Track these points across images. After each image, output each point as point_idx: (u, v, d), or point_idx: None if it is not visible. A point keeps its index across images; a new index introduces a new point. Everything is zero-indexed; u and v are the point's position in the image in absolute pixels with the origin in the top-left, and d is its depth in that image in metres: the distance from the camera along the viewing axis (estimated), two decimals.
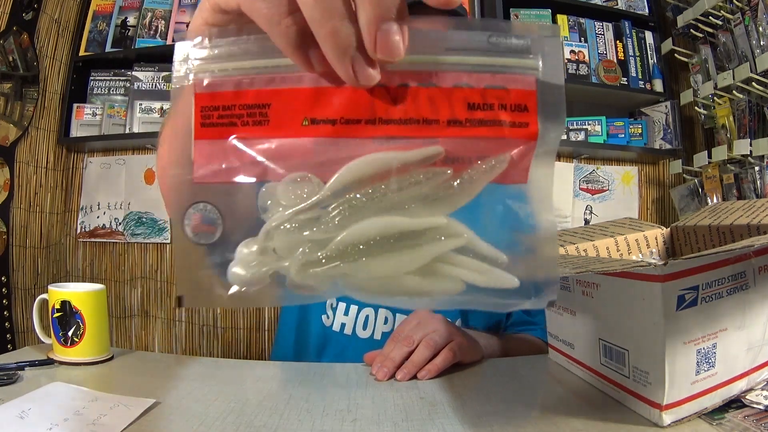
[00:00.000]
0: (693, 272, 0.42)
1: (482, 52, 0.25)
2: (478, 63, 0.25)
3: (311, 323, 0.85)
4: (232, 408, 0.51)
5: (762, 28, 1.35)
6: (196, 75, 0.26)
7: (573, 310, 0.56)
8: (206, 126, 0.26)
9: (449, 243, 0.25)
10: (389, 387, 0.58)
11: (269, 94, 0.25)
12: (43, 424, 0.45)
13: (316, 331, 0.84)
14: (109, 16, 1.85)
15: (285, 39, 0.23)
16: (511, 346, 0.78)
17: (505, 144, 0.25)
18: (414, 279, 0.25)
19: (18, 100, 1.58)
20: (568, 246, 0.63)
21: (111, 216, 1.81)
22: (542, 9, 1.83)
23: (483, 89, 0.25)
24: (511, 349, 0.77)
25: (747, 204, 0.61)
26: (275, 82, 0.25)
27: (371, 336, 0.81)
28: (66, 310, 0.66)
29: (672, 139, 1.77)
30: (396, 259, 0.25)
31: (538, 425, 0.46)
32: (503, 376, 0.62)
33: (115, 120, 1.78)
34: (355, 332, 0.82)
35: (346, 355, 0.80)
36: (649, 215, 1.85)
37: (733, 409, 0.45)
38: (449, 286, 0.26)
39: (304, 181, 0.25)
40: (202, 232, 0.26)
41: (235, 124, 0.25)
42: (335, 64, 0.23)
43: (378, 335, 0.81)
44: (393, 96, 0.25)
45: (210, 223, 0.26)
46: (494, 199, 0.26)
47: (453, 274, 0.26)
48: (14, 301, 1.55)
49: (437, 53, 0.25)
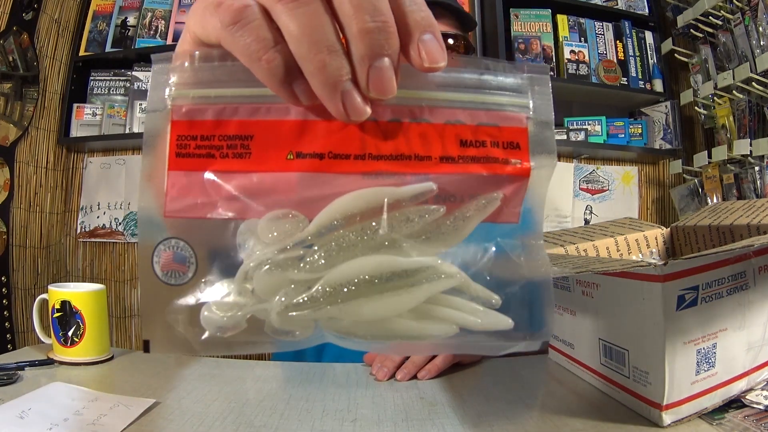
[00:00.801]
0: (693, 272, 0.42)
1: (474, 89, 0.25)
2: (470, 100, 0.25)
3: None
4: (232, 408, 0.51)
5: (762, 28, 1.35)
6: (174, 100, 0.24)
7: (573, 310, 0.56)
8: (182, 156, 0.24)
9: (442, 284, 0.24)
10: (389, 387, 0.58)
11: (253, 125, 0.24)
12: (43, 424, 0.45)
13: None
14: (109, 16, 1.85)
15: (268, 74, 0.22)
16: None
17: (498, 181, 0.25)
18: (406, 322, 0.24)
19: (18, 100, 1.58)
20: (568, 246, 0.63)
21: (111, 216, 1.80)
22: (542, 9, 1.83)
23: (475, 126, 0.24)
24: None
25: (747, 204, 0.61)
26: (260, 113, 0.24)
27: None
28: (66, 310, 0.66)
29: (672, 139, 1.77)
30: (387, 300, 0.23)
31: (538, 425, 0.46)
32: (503, 376, 0.62)
33: (115, 120, 1.78)
34: None
35: (345, 355, 0.80)
36: (649, 215, 1.85)
37: (733, 409, 0.45)
38: (443, 329, 0.24)
39: (287, 219, 0.23)
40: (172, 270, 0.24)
41: (213, 156, 0.24)
42: (324, 100, 0.22)
43: None
44: (384, 131, 0.24)
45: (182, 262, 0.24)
46: (486, 238, 0.25)
47: (446, 316, 0.24)
48: (14, 301, 1.55)
49: (429, 89, 0.24)
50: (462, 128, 0.24)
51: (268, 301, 0.23)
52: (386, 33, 0.21)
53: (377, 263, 0.23)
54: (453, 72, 0.24)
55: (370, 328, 0.24)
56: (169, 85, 0.24)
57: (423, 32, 0.23)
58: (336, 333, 0.24)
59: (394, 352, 0.26)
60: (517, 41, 1.78)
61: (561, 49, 1.80)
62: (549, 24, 1.82)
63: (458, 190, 0.24)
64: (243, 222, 0.24)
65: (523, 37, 1.80)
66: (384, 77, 0.22)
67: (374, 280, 0.23)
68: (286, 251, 0.23)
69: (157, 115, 0.24)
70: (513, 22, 1.81)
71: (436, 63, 0.23)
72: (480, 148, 0.24)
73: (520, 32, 1.80)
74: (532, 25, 1.82)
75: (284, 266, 0.23)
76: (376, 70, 0.22)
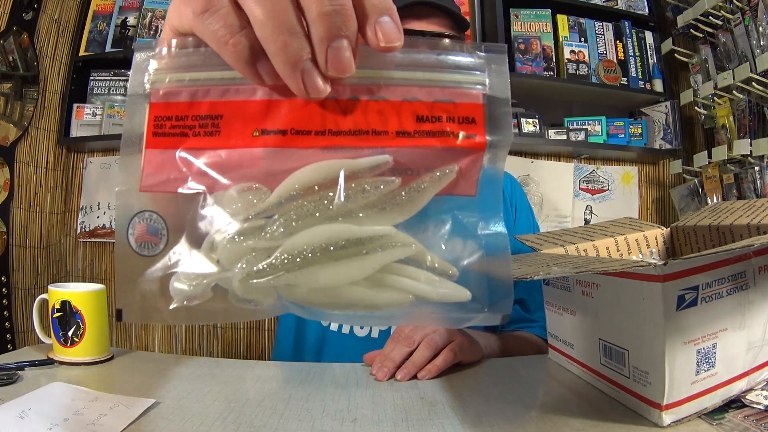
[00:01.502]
0: (693, 272, 0.42)
1: (431, 68, 0.26)
2: (427, 78, 0.25)
3: (309, 323, 0.85)
4: (232, 408, 0.51)
5: (762, 28, 1.35)
6: (153, 84, 0.25)
7: (573, 310, 0.56)
8: (158, 135, 0.25)
9: (397, 252, 0.25)
10: (389, 387, 0.58)
11: (222, 106, 0.25)
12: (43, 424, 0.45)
13: (314, 331, 0.85)
14: (109, 16, 1.85)
15: (235, 56, 0.24)
16: (511, 345, 0.78)
17: (453, 155, 0.25)
18: (361, 290, 0.24)
19: (18, 100, 1.58)
20: (568, 246, 0.63)
21: (111, 216, 1.81)
22: (542, 9, 1.83)
23: (432, 102, 0.25)
24: (510, 348, 0.77)
25: (747, 204, 0.61)
26: (229, 94, 0.25)
27: (368, 334, 0.81)
28: (66, 310, 0.66)
29: (672, 139, 1.77)
30: (342, 267, 0.24)
31: (538, 425, 0.46)
32: (503, 376, 0.62)
33: (115, 120, 1.78)
34: (353, 330, 0.82)
35: (345, 354, 0.80)
36: (649, 215, 1.85)
37: (733, 409, 0.45)
38: (398, 298, 0.25)
39: (251, 191, 0.25)
40: (145, 242, 0.25)
41: (186, 135, 0.25)
42: (286, 78, 0.24)
43: (375, 333, 0.81)
44: (343, 108, 0.25)
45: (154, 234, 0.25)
46: (443, 210, 0.26)
47: (402, 285, 0.25)
48: (14, 301, 1.55)
49: (388, 68, 0.25)
50: (418, 105, 0.25)
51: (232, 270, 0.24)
52: (343, 15, 0.23)
53: (332, 231, 0.24)
54: (411, 52, 0.25)
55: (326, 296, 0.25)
56: (147, 71, 0.25)
57: (380, 15, 0.24)
58: (295, 301, 0.25)
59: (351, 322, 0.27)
60: (517, 41, 1.79)
61: (561, 49, 1.80)
62: (549, 24, 1.82)
63: (414, 163, 0.25)
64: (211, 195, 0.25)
65: (523, 37, 1.80)
66: (342, 57, 0.23)
67: (329, 247, 0.24)
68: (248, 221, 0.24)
69: (136, 98, 0.26)
70: (513, 22, 1.81)
71: (392, 43, 0.24)
72: (436, 123, 0.25)
73: (520, 32, 1.80)
74: (532, 25, 1.82)
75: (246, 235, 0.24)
76: (334, 50, 0.23)
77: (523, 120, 1.75)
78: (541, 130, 1.75)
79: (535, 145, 1.76)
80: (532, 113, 1.78)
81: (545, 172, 1.82)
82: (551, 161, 1.84)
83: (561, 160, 1.84)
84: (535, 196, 1.81)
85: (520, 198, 1.00)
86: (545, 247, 0.63)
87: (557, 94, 1.85)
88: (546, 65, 1.78)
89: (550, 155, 1.84)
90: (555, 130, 1.78)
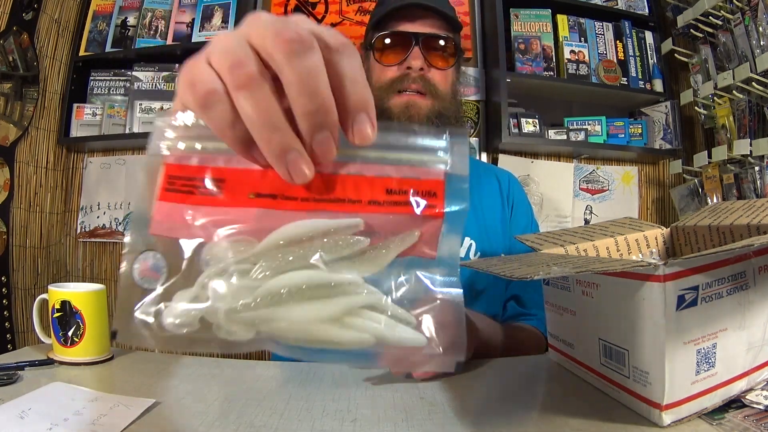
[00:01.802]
0: (693, 272, 0.42)
1: (401, 149, 0.31)
2: (397, 158, 0.31)
3: None
4: (232, 408, 0.51)
5: (762, 28, 1.35)
6: (169, 148, 0.30)
7: (573, 310, 0.56)
8: (169, 191, 0.30)
9: (362, 298, 0.29)
10: (389, 387, 0.58)
11: (226, 172, 0.30)
12: (43, 424, 0.45)
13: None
14: (109, 16, 1.85)
15: (232, 143, 0.28)
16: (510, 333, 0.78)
17: (416, 222, 0.30)
18: (328, 328, 0.28)
19: (18, 100, 1.58)
20: (568, 246, 0.63)
21: (111, 216, 1.81)
22: (542, 9, 1.83)
23: (401, 178, 0.30)
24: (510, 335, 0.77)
25: (747, 204, 0.61)
26: (232, 162, 0.30)
27: None
28: (66, 310, 0.66)
29: (672, 139, 1.77)
30: (313, 306, 0.28)
31: (538, 425, 0.46)
32: (503, 376, 0.62)
33: (115, 120, 1.78)
34: None
35: None
36: (649, 215, 1.85)
37: (733, 409, 0.45)
38: (360, 337, 0.29)
39: (242, 242, 0.29)
40: (147, 277, 0.30)
41: (193, 192, 0.30)
42: (273, 166, 0.28)
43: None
44: (326, 180, 0.30)
45: (156, 271, 0.30)
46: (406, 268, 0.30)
47: (364, 326, 0.29)
48: (14, 301, 1.55)
49: (365, 150, 0.30)
50: (389, 180, 0.30)
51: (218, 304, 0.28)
52: (324, 112, 0.27)
53: (308, 276, 0.29)
54: (386, 135, 0.30)
55: (298, 331, 0.29)
56: (165, 137, 0.31)
57: (357, 112, 0.28)
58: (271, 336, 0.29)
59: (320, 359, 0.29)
60: (517, 41, 1.79)
61: (561, 49, 1.80)
62: (549, 24, 1.82)
63: (382, 227, 0.30)
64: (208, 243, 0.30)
65: (523, 37, 1.80)
66: (324, 146, 0.27)
67: (304, 290, 0.28)
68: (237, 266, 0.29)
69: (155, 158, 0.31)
70: (513, 22, 1.81)
71: (364, 141, 0.28)
72: (402, 195, 0.30)
73: (520, 32, 1.81)
74: (532, 25, 1.82)
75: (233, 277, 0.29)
76: (317, 142, 0.27)
77: (523, 120, 1.75)
78: (541, 130, 1.75)
79: (535, 145, 1.76)
80: (532, 113, 1.78)
81: (545, 172, 1.82)
82: (551, 161, 1.84)
83: (561, 160, 1.84)
84: (535, 196, 1.81)
85: (518, 194, 0.99)
86: (545, 247, 0.63)
87: (557, 94, 1.85)
88: (546, 65, 1.78)
89: (550, 155, 1.84)
90: (555, 130, 1.78)
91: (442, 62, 0.87)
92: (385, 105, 0.86)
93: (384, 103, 0.86)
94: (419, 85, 0.85)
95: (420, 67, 0.85)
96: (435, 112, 0.86)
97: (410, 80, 0.85)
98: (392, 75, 0.87)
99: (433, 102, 0.86)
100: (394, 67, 0.87)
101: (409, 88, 0.85)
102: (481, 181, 0.98)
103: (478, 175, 0.99)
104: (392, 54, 0.87)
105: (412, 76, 0.85)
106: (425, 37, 0.86)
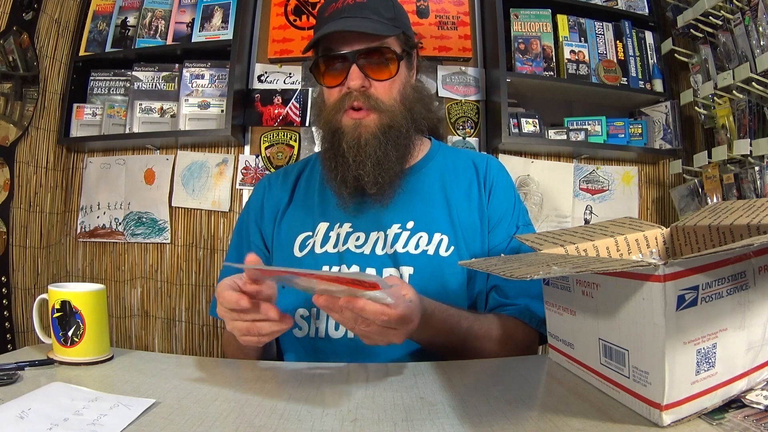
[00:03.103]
0: (693, 272, 0.42)
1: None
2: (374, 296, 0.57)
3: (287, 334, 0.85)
4: (232, 408, 0.51)
5: (762, 28, 1.35)
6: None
7: (573, 310, 0.56)
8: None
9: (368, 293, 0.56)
10: (389, 387, 0.58)
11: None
12: (43, 424, 0.45)
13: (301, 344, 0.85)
14: (109, 16, 1.85)
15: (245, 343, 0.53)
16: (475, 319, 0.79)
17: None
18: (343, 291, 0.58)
19: (18, 100, 1.58)
20: (568, 246, 0.63)
21: (111, 216, 1.81)
22: (542, 9, 1.83)
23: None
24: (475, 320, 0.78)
25: (747, 204, 0.61)
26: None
27: (344, 335, 0.82)
28: (66, 310, 0.66)
29: (672, 139, 1.77)
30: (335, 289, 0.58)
31: (538, 425, 0.46)
32: (503, 376, 0.62)
33: (115, 120, 1.78)
34: (328, 334, 0.82)
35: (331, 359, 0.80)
36: (649, 215, 1.85)
37: (733, 409, 0.45)
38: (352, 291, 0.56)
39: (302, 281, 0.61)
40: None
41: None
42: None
43: (351, 334, 0.81)
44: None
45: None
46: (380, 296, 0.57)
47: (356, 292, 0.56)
48: (14, 301, 1.55)
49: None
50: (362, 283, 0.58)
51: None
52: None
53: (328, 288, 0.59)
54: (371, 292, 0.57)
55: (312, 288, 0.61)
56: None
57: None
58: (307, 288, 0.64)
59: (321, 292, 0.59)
60: (517, 41, 1.79)
61: (561, 49, 1.80)
62: (549, 24, 1.82)
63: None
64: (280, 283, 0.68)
65: (523, 37, 1.80)
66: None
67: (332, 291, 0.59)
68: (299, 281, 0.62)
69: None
70: (513, 22, 1.81)
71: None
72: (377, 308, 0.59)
73: (520, 32, 1.81)
74: (532, 25, 1.82)
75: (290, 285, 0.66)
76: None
77: (523, 120, 1.75)
78: (541, 130, 1.75)
79: (535, 145, 1.76)
80: (532, 113, 1.77)
81: (545, 172, 1.82)
82: (551, 161, 1.84)
83: (561, 160, 1.84)
84: (535, 196, 1.81)
85: (498, 179, 0.95)
86: (545, 247, 0.63)
87: (557, 94, 1.85)
88: (546, 65, 1.78)
89: (550, 155, 1.84)
90: (555, 130, 1.78)
91: (383, 74, 0.86)
92: (337, 125, 0.87)
93: (336, 124, 0.87)
94: (361, 102, 0.85)
95: (360, 85, 0.85)
96: (383, 127, 0.86)
97: (353, 98, 0.85)
98: (336, 96, 0.87)
99: (379, 116, 0.86)
100: (337, 89, 0.87)
101: (353, 107, 0.86)
102: (457, 170, 0.95)
103: (454, 164, 0.96)
104: (332, 76, 0.88)
105: (354, 95, 0.85)
106: (360, 53, 0.85)
